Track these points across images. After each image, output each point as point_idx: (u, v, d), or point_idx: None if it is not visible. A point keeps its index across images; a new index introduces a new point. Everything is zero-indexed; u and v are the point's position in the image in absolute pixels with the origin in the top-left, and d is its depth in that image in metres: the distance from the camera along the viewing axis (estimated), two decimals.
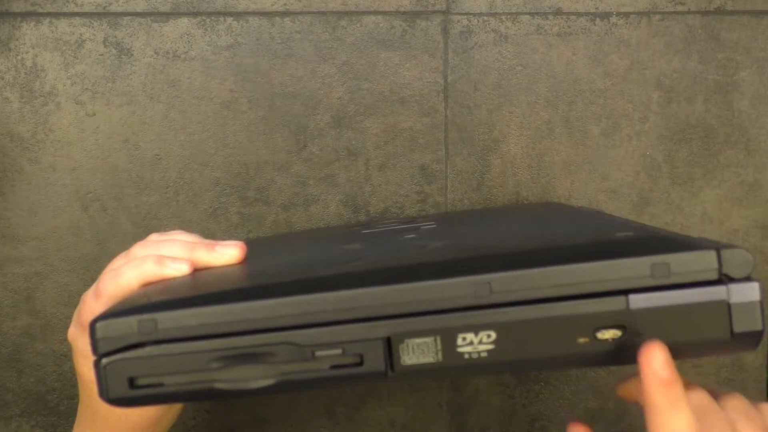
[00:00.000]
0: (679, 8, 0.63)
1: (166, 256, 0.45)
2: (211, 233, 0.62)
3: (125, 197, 0.62)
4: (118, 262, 0.47)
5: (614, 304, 0.36)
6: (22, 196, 0.62)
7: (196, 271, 0.45)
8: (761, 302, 0.36)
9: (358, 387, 0.64)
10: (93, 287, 0.46)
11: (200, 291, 0.40)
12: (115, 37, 0.61)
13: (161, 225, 0.62)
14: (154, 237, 0.49)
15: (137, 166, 0.62)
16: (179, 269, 0.44)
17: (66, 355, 0.63)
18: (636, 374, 0.35)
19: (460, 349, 0.36)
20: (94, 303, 0.45)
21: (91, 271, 0.62)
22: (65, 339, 0.63)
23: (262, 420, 0.64)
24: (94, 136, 0.62)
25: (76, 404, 0.52)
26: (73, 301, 0.63)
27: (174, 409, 0.50)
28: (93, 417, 0.49)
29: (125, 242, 0.50)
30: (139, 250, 0.47)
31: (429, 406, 0.65)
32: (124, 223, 0.63)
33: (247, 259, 0.47)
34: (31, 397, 0.64)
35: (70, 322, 0.48)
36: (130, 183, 0.62)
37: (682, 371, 0.65)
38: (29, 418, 0.64)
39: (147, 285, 0.44)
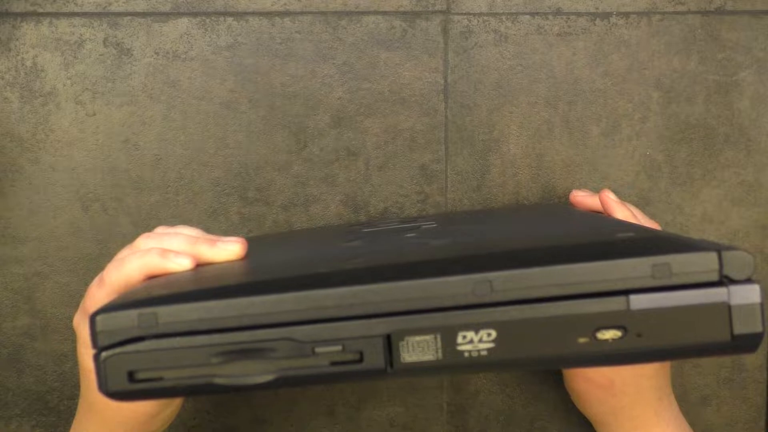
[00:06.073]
0: (679, 8, 0.63)
1: (169, 250, 0.45)
2: (211, 233, 0.62)
3: (125, 197, 0.62)
4: (123, 252, 0.47)
5: (615, 304, 0.36)
6: (22, 196, 0.62)
7: (198, 266, 0.45)
8: (761, 304, 0.36)
9: (358, 384, 0.64)
10: (98, 276, 0.46)
11: (201, 286, 0.40)
12: (115, 37, 0.61)
13: (161, 225, 0.62)
14: (160, 229, 0.49)
15: (137, 166, 0.62)
16: (182, 264, 0.44)
17: (66, 354, 0.63)
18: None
19: (460, 347, 0.36)
20: (97, 291, 0.45)
21: (91, 271, 0.62)
22: (65, 339, 0.63)
23: (263, 420, 0.64)
24: (94, 136, 0.62)
25: (76, 404, 0.52)
26: (73, 301, 0.63)
27: (170, 409, 0.50)
28: (89, 408, 0.50)
29: (125, 242, 0.50)
30: (143, 241, 0.47)
31: (429, 406, 0.65)
32: (124, 223, 0.63)
33: (248, 256, 0.47)
34: (31, 397, 0.64)
35: (71, 322, 0.49)
36: (130, 183, 0.62)
37: (682, 372, 0.65)
38: (29, 418, 0.64)
39: (150, 278, 0.45)
